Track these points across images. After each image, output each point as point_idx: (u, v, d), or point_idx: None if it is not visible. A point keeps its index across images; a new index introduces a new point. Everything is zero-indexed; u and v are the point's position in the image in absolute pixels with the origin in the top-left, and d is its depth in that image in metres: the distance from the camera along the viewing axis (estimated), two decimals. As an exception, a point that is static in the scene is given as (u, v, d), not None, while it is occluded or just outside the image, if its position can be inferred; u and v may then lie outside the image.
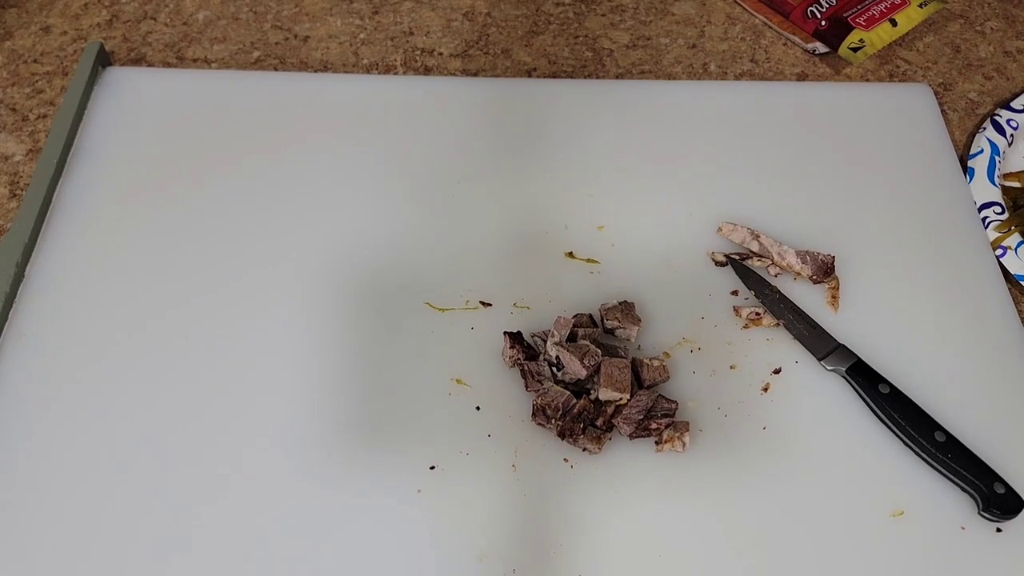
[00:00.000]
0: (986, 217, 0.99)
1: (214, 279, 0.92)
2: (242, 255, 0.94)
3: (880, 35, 1.14)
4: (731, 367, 0.88)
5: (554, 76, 1.14)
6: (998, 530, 0.80)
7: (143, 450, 0.82)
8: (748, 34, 1.20)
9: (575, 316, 0.88)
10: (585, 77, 1.14)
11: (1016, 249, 0.95)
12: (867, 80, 1.15)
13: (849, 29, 1.14)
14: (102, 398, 0.85)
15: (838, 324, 0.91)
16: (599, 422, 0.82)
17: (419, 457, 0.82)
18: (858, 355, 0.88)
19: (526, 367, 0.85)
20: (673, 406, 0.83)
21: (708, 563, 0.78)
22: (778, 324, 0.90)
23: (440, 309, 0.90)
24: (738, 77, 1.14)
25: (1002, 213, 0.98)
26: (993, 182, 1.01)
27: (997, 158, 1.03)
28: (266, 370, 0.87)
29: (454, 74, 1.14)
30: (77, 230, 0.94)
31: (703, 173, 1.02)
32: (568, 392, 0.82)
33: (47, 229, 0.94)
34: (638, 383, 0.85)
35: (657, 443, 0.82)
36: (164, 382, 0.86)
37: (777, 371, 0.88)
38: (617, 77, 1.14)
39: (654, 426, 0.82)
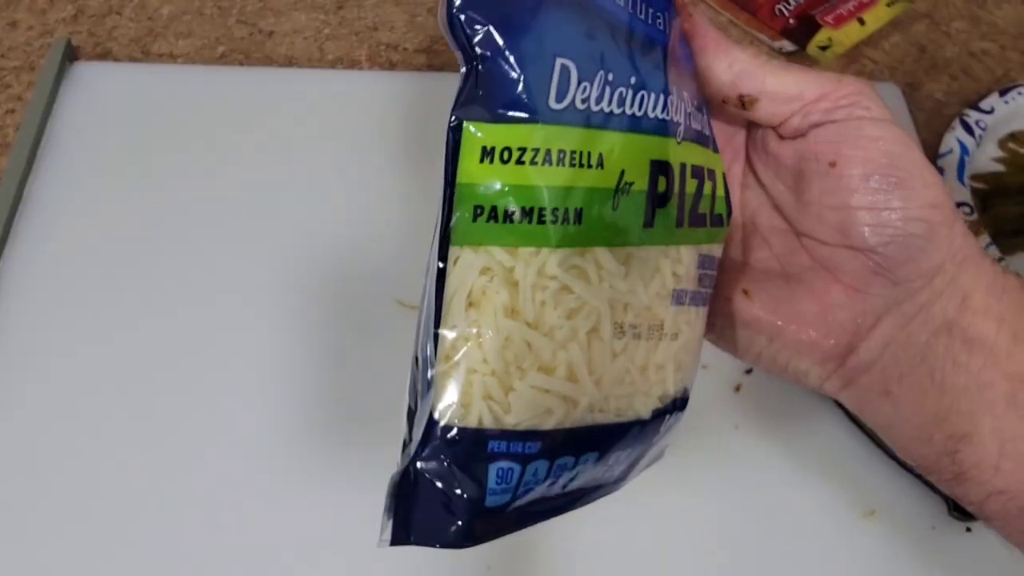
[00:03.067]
0: (955, 218, 0.99)
1: (183, 275, 0.91)
2: (210, 250, 0.93)
3: (848, 34, 1.15)
4: (703, 366, 0.87)
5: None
6: (968, 530, 0.81)
7: (116, 450, 0.81)
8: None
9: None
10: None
11: (986, 249, 0.96)
12: (834, 79, 1.15)
13: (817, 27, 1.14)
14: (75, 395, 0.84)
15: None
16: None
17: (391, 455, 0.81)
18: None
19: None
20: (646, 406, 0.82)
21: (679, 561, 0.79)
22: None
23: (411, 307, 0.89)
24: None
25: (971, 214, 0.98)
26: (963, 182, 1.01)
27: (966, 158, 1.03)
28: (238, 369, 0.86)
29: (419, 69, 1.13)
30: (48, 226, 0.93)
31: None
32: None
33: (17, 225, 0.93)
34: (611, 384, 0.84)
35: (630, 443, 0.82)
36: (136, 380, 0.85)
37: (749, 371, 0.88)
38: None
39: (627, 426, 0.81)
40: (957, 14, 1.24)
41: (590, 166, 0.42)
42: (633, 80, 0.44)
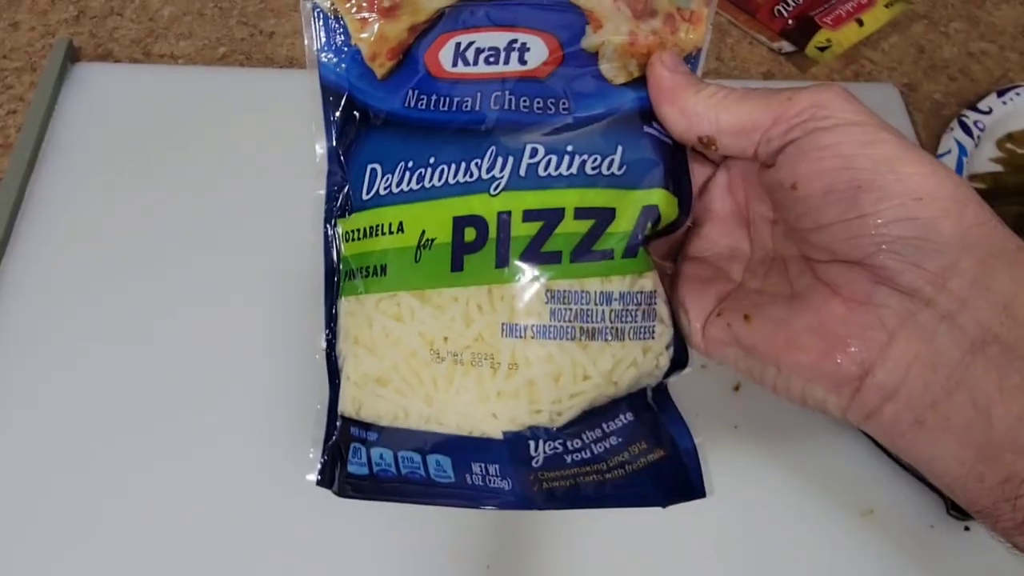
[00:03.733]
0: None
1: (182, 277, 0.91)
2: (211, 251, 0.94)
3: (847, 35, 1.15)
4: (702, 366, 0.87)
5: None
6: (966, 528, 0.81)
7: (116, 449, 0.82)
8: (713, 32, 1.20)
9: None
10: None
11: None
12: (833, 80, 1.16)
13: (816, 28, 1.14)
14: (75, 394, 0.84)
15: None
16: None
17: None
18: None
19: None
20: (644, 406, 0.83)
21: (678, 562, 0.79)
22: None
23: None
24: (703, 76, 1.14)
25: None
26: (960, 183, 1.01)
27: (964, 159, 1.03)
28: (239, 368, 0.87)
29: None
30: (49, 226, 0.94)
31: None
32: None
33: (19, 225, 0.94)
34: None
35: (629, 443, 0.82)
36: (139, 379, 0.85)
37: (748, 370, 0.88)
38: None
39: (625, 426, 0.82)
40: (955, 14, 1.25)
41: (391, 232, 0.56)
42: (432, 160, 0.55)
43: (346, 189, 0.60)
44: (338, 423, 0.59)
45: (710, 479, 0.59)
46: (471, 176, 0.54)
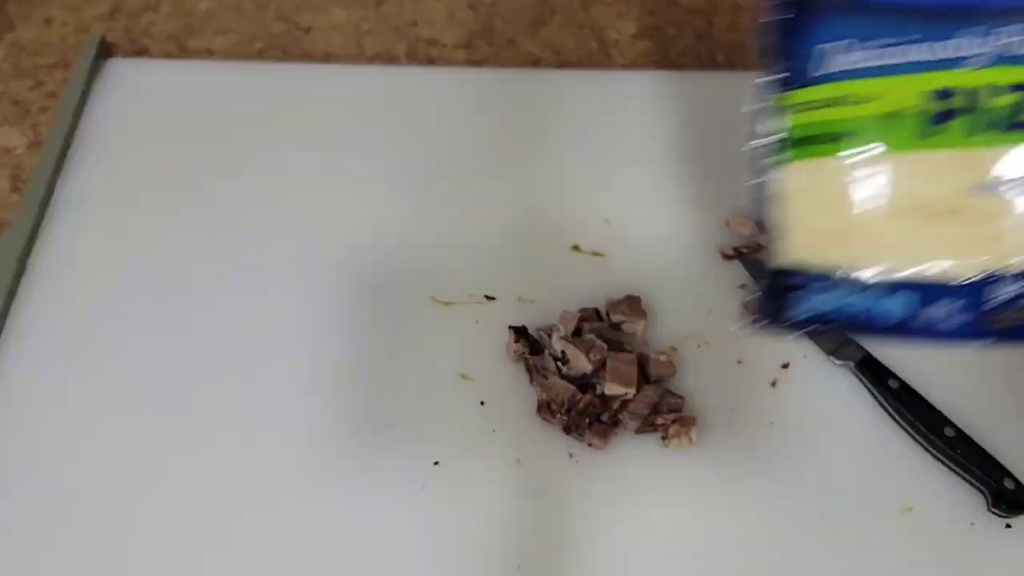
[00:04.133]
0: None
1: (217, 272, 0.92)
2: (245, 248, 0.93)
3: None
4: (738, 361, 0.87)
5: (559, 67, 1.12)
6: (1007, 526, 0.80)
7: (146, 447, 0.82)
8: (756, 24, 1.19)
9: (580, 310, 0.87)
10: (591, 68, 1.13)
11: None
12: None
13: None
14: (104, 393, 0.84)
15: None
16: (605, 417, 0.82)
17: (423, 453, 0.81)
18: (867, 349, 0.86)
19: (531, 361, 0.85)
20: (680, 401, 0.82)
21: (715, 559, 0.78)
22: (786, 318, 0.90)
23: (444, 303, 0.89)
24: (746, 68, 1.12)
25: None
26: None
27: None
28: (269, 365, 0.86)
29: (458, 65, 1.13)
30: (79, 223, 0.94)
31: (711, 165, 1.00)
32: (573, 387, 0.82)
33: (49, 222, 0.94)
34: (645, 378, 0.84)
35: (664, 438, 0.82)
36: (167, 376, 0.85)
37: (785, 365, 0.87)
38: (623, 68, 1.13)
39: (660, 421, 0.81)
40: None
41: (856, 103, 0.61)
42: (900, 39, 0.61)
43: (797, 64, 0.64)
44: (778, 272, 0.66)
45: None
46: (945, 53, 0.60)
